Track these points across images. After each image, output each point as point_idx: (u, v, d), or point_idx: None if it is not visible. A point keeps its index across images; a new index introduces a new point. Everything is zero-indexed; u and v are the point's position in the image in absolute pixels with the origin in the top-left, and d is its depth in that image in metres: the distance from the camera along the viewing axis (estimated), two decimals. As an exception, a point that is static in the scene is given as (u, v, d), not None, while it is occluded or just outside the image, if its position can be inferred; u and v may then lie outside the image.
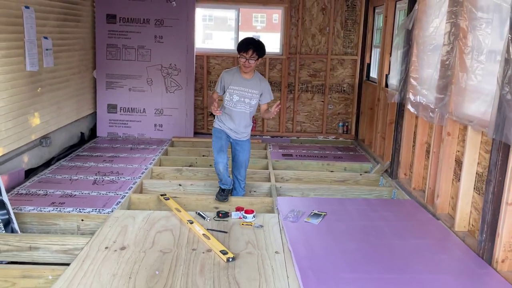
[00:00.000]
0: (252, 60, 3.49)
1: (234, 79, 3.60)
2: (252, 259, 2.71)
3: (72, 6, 5.11)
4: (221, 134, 3.70)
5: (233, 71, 3.66)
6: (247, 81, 3.60)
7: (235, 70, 3.65)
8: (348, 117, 6.35)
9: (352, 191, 4.17)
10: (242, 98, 3.60)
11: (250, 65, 3.50)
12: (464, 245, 2.93)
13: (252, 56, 3.48)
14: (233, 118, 3.65)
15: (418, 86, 3.83)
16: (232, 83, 3.59)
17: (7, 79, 3.79)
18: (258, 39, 3.59)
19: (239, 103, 3.61)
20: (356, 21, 6.06)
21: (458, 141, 3.30)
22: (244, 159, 3.79)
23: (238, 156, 3.77)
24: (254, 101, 3.64)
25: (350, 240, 2.95)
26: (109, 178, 4.22)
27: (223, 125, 3.70)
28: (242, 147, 3.76)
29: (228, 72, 3.67)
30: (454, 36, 3.19)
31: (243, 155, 3.78)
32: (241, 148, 3.76)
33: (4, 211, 3.17)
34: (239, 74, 3.61)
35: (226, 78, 3.63)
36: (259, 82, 3.64)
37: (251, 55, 3.47)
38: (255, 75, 3.65)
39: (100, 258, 2.65)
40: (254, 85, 3.62)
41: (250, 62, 3.48)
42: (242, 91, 3.60)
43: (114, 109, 5.95)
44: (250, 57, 3.48)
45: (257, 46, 3.50)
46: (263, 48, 3.54)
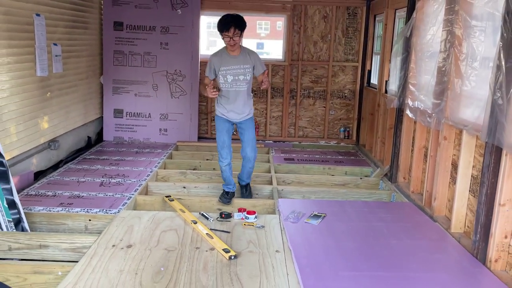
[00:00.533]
0: (236, 36, 3.49)
1: (223, 60, 3.61)
2: (253, 257, 2.81)
3: (80, 13, 5.27)
4: (223, 124, 3.77)
5: (220, 52, 3.66)
6: (237, 58, 3.62)
7: (222, 51, 3.67)
8: (349, 123, 6.46)
9: (352, 194, 4.26)
10: (236, 77, 3.63)
11: (235, 42, 3.51)
12: (459, 246, 3.01)
13: (235, 33, 3.48)
14: (231, 99, 3.68)
15: (416, 92, 3.93)
16: (222, 64, 3.60)
17: (18, 84, 3.93)
18: (236, 14, 3.60)
19: (234, 82, 3.65)
20: (357, 29, 6.18)
21: (454, 145, 3.39)
22: (251, 137, 3.83)
23: (244, 135, 3.83)
24: (249, 75, 3.67)
25: (348, 240, 3.05)
26: (116, 180, 4.34)
27: (224, 109, 3.74)
28: (246, 125, 3.81)
29: (215, 54, 3.68)
30: (450, 44, 3.30)
31: (248, 133, 3.82)
32: (245, 126, 3.81)
33: (15, 211, 3.29)
34: (226, 54, 3.62)
35: (215, 61, 3.63)
36: (248, 55, 3.66)
37: (233, 32, 3.48)
38: (242, 49, 3.66)
39: (108, 255, 2.77)
40: (244, 60, 3.63)
41: (234, 40, 3.49)
42: (235, 69, 3.61)
43: (120, 114, 6.09)
44: (233, 35, 3.48)
45: (237, 22, 3.49)
46: (242, 21, 3.54)
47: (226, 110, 3.74)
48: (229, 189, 3.86)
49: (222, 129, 3.79)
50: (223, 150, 3.79)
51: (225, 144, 3.77)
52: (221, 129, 3.80)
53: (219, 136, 3.80)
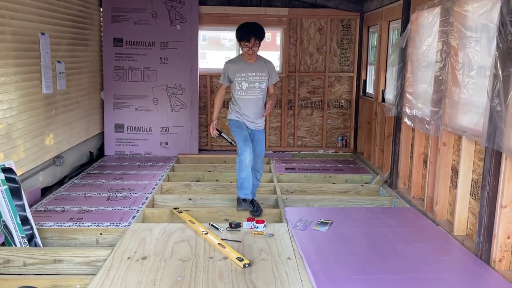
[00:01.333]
0: (256, 47, 3.52)
1: (239, 67, 3.61)
2: (266, 264, 2.89)
3: (81, 31, 5.36)
4: (240, 124, 3.72)
5: (236, 59, 3.68)
6: (253, 66, 3.62)
7: (238, 58, 3.68)
8: (347, 131, 6.59)
9: (354, 201, 4.37)
10: (252, 84, 3.62)
11: (254, 52, 3.53)
12: (463, 248, 3.13)
13: (255, 43, 3.51)
14: (246, 107, 3.67)
15: (414, 100, 4.07)
16: (238, 71, 3.60)
17: (25, 102, 4.00)
18: (255, 22, 3.64)
19: (250, 90, 3.64)
20: (351, 40, 6.35)
21: (454, 150, 3.52)
22: (262, 150, 3.84)
23: (255, 147, 3.76)
24: (264, 84, 3.67)
25: (357, 245, 3.15)
26: (122, 194, 4.40)
27: (240, 115, 3.71)
28: (259, 137, 3.80)
29: (231, 61, 3.69)
30: (446, 54, 3.45)
31: (261, 145, 3.82)
32: (258, 138, 3.79)
33: (28, 227, 3.34)
34: (243, 61, 3.63)
35: (231, 68, 3.64)
36: (264, 64, 3.67)
37: (253, 43, 3.50)
38: (259, 58, 3.67)
39: (124, 268, 2.83)
40: (261, 68, 3.64)
41: (253, 50, 3.52)
42: (250, 77, 3.61)
43: (121, 128, 6.16)
44: (253, 45, 3.50)
45: (258, 33, 3.52)
46: (263, 31, 3.56)
47: (241, 114, 3.73)
48: (246, 195, 3.77)
49: (240, 126, 3.71)
50: (246, 144, 3.63)
51: (247, 138, 3.67)
52: (239, 126, 3.71)
53: (239, 132, 3.68)
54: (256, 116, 3.72)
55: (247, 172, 3.68)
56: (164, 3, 5.97)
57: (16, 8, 3.82)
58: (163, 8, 5.97)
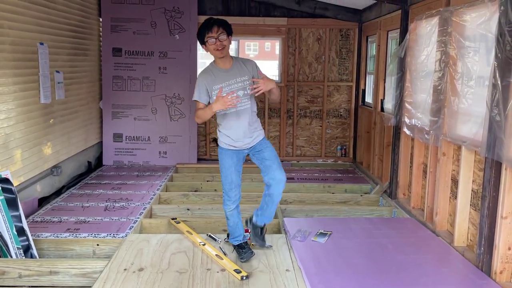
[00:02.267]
0: (223, 36, 2.82)
1: (214, 77, 2.93)
2: (264, 277, 2.85)
3: (81, 41, 5.37)
4: (230, 159, 3.02)
5: (209, 69, 2.98)
6: (230, 71, 2.94)
7: (211, 67, 2.99)
8: (346, 141, 6.57)
9: (353, 211, 4.33)
10: (235, 94, 2.89)
11: (222, 45, 2.83)
12: (463, 259, 3.09)
13: (220, 32, 2.82)
14: (234, 123, 2.97)
15: (413, 110, 4.06)
16: (215, 82, 2.91)
17: (23, 112, 3.99)
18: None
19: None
20: (350, 50, 6.37)
21: (453, 160, 3.50)
22: (273, 154, 3.04)
23: (264, 153, 3.02)
24: (249, 89, 2.94)
25: (356, 256, 3.11)
26: (120, 204, 4.37)
27: (228, 138, 3.00)
28: (262, 145, 3.04)
29: (204, 72, 2.98)
30: (445, 63, 3.45)
31: (269, 150, 3.04)
32: (261, 146, 3.04)
33: (24, 238, 3.30)
34: (217, 68, 2.94)
35: (205, 79, 2.93)
36: (243, 65, 2.98)
37: (217, 31, 2.82)
38: (234, 60, 2.99)
39: (120, 280, 2.79)
40: (240, 71, 2.95)
41: (221, 40, 2.82)
42: (231, 85, 2.92)
43: (120, 138, 6.14)
44: (218, 34, 2.81)
45: (220, 21, 2.87)
46: (227, 23, 2.90)
47: (232, 138, 2.99)
48: (238, 240, 3.16)
49: (229, 165, 3.03)
50: (232, 191, 3.06)
51: (233, 184, 3.05)
52: (228, 165, 3.03)
53: (226, 175, 3.04)
54: (250, 131, 3.00)
55: (234, 219, 3.12)
56: (163, 13, 5.99)
57: (15, 18, 3.83)
58: (162, 18, 5.99)
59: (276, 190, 3.01)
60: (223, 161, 3.06)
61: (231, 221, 3.16)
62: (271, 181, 3.00)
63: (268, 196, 3.06)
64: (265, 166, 3.01)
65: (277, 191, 3.02)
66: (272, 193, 3.03)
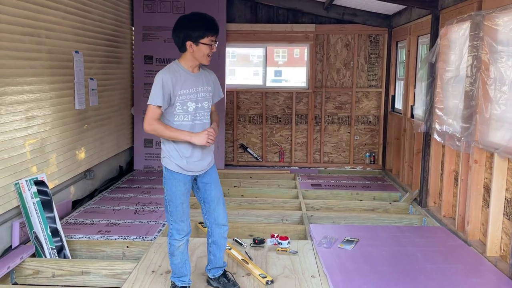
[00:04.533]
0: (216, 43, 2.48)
1: (181, 79, 2.43)
2: (290, 282, 2.85)
3: (114, 49, 5.55)
4: (182, 185, 2.50)
5: (174, 69, 2.44)
6: (198, 77, 2.50)
7: (176, 67, 2.46)
8: (375, 148, 6.49)
9: (382, 219, 4.27)
10: (199, 104, 2.48)
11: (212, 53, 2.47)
12: (496, 270, 2.99)
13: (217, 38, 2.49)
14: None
15: (444, 116, 3.98)
16: (182, 87, 2.42)
17: (59, 117, 4.15)
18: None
19: (198, 113, 2.49)
20: (379, 55, 6.30)
21: (486, 168, 3.41)
22: (219, 193, 2.66)
23: (211, 192, 2.62)
24: (210, 103, 2.58)
25: (383, 264, 3.06)
26: (149, 208, 4.47)
27: (182, 160, 2.47)
28: (211, 177, 2.62)
29: (170, 72, 2.42)
30: (477, 69, 3.37)
31: (215, 186, 2.64)
32: (210, 178, 2.62)
33: (58, 238, 3.43)
34: (184, 70, 2.46)
35: (171, 81, 2.39)
36: (208, 74, 2.59)
37: (216, 38, 2.48)
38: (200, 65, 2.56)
39: (148, 281, 2.85)
40: (207, 79, 2.56)
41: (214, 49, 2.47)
42: (197, 93, 2.48)
43: (150, 144, 6.28)
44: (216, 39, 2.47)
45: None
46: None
47: (187, 160, 2.48)
48: (184, 283, 2.65)
49: (180, 193, 2.50)
50: (184, 223, 2.54)
51: (185, 215, 2.55)
52: (179, 194, 2.50)
53: (177, 205, 2.50)
54: (206, 150, 2.54)
55: (182, 257, 2.60)
56: (193, 21, 6.10)
57: (52, 27, 4.00)
58: (192, 26, 6.11)
59: (219, 237, 2.67)
60: (173, 188, 2.50)
61: (178, 259, 2.58)
62: (213, 225, 2.65)
63: (213, 244, 2.70)
64: (209, 206, 2.63)
65: (221, 237, 2.68)
66: (216, 240, 2.68)
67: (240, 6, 6.31)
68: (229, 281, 2.75)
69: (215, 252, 2.71)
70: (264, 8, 6.31)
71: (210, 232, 2.69)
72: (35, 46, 3.74)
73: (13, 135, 3.44)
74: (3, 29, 3.30)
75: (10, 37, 3.39)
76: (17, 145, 3.49)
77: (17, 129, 3.49)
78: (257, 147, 6.58)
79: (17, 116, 3.49)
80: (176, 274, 2.64)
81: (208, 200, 2.62)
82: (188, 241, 2.63)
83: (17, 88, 3.50)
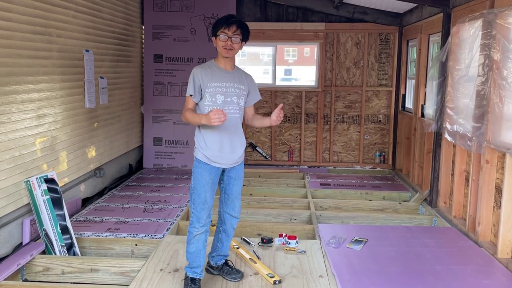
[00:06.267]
0: (236, 38, 2.58)
1: (212, 73, 2.63)
2: (297, 282, 2.84)
3: (124, 48, 5.58)
4: (207, 175, 2.64)
5: (208, 65, 2.69)
6: (230, 74, 2.67)
7: (210, 63, 2.70)
8: (385, 147, 6.44)
9: (391, 219, 4.23)
10: (229, 98, 2.64)
11: (233, 47, 2.59)
12: (507, 271, 2.95)
13: (236, 33, 2.58)
14: (222, 131, 2.62)
15: (455, 116, 3.93)
16: (211, 80, 2.61)
17: (69, 116, 4.19)
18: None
19: (226, 106, 2.63)
20: (389, 54, 6.24)
21: (497, 168, 3.36)
22: (239, 191, 2.84)
23: (233, 187, 2.78)
24: (243, 101, 2.71)
25: (392, 265, 3.04)
26: (158, 206, 4.49)
27: (210, 151, 2.62)
28: (238, 173, 2.78)
29: (201, 67, 2.66)
30: (488, 67, 3.32)
31: (239, 183, 2.82)
32: (236, 174, 2.77)
33: (68, 236, 3.46)
34: (216, 67, 2.66)
35: (201, 74, 2.60)
36: (243, 75, 2.75)
37: (234, 31, 2.58)
38: (237, 67, 2.76)
39: (156, 279, 2.86)
40: (240, 79, 2.71)
41: (233, 41, 2.58)
42: (227, 87, 2.64)
43: (160, 142, 6.31)
44: (233, 34, 2.57)
45: (242, 23, 2.63)
46: (247, 27, 2.67)
47: (215, 151, 2.63)
48: (195, 274, 2.71)
49: (205, 182, 2.64)
50: (204, 212, 2.66)
51: (206, 205, 2.66)
52: (204, 182, 2.64)
53: (200, 193, 2.63)
54: (235, 145, 2.68)
55: (197, 245, 2.68)
56: (203, 20, 6.12)
57: (63, 26, 4.04)
58: (201, 25, 6.12)
59: (230, 226, 2.86)
60: (199, 176, 2.64)
61: (193, 247, 2.66)
62: (228, 215, 2.83)
63: (223, 232, 2.86)
64: (228, 197, 2.81)
65: (232, 227, 2.87)
66: (227, 229, 2.86)
67: (249, 4, 6.30)
68: (232, 269, 2.91)
69: (223, 240, 2.87)
70: (274, 7, 6.29)
71: (223, 220, 2.85)
72: (46, 45, 3.77)
73: (24, 133, 3.47)
74: (14, 28, 3.33)
75: (21, 36, 3.42)
76: (28, 143, 3.53)
77: (28, 127, 3.53)
78: (266, 146, 6.57)
79: (28, 115, 3.52)
80: (189, 264, 2.72)
81: (229, 193, 2.80)
82: (208, 233, 2.72)
83: (28, 86, 3.53)
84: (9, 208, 3.30)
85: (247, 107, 2.79)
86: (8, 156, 3.28)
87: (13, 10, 3.31)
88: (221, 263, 2.93)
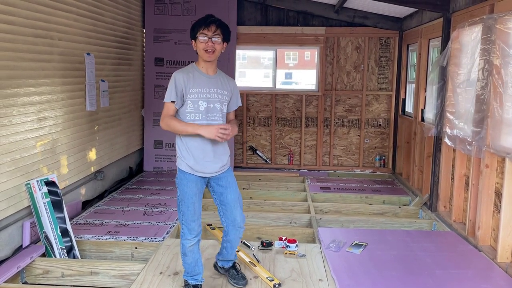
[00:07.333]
0: (217, 38, 2.48)
1: (194, 78, 2.53)
2: (297, 285, 2.84)
3: (125, 51, 5.60)
4: (192, 186, 2.56)
5: (189, 70, 2.59)
6: (213, 79, 2.58)
7: (191, 67, 2.61)
8: (385, 151, 6.44)
9: (391, 223, 4.23)
10: (212, 104, 2.54)
11: (213, 48, 2.49)
12: (507, 276, 2.95)
13: (216, 33, 2.48)
14: (207, 138, 2.50)
15: (455, 120, 3.94)
16: (193, 85, 2.51)
17: (70, 119, 4.20)
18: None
19: (209, 113, 2.53)
20: (390, 58, 6.26)
21: (497, 173, 3.36)
22: (237, 196, 2.70)
23: (227, 196, 2.65)
24: (225, 107, 2.62)
25: (392, 269, 3.04)
26: (158, 209, 4.49)
27: (192, 159, 2.53)
28: (227, 180, 2.66)
29: (183, 72, 2.56)
30: (488, 72, 3.33)
31: (233, 190, 2.67)
32: (226, 182, 2.65)
33: (68, 239, 3.46)
34: (198, 71, 2.57)
35: (183, 79, 2.50)
36: (226, 80, 2.66)
37: (214, 31, 2.48)
38: (219, 71, 2.67)
39: (156, 282, 2.87)
40: (223, 84, 2.61)
41: (214, 42, 2.48)
42: (210, 93, 2.54)
43: (160, 145, 6.32)
44: (213, 34, 2.47)
45: (221, 22, 2.53)
46: (227, 27, 2.57)
47: (197, 160, 2.54)
48: (197, 281, 2.70)
49: (192, 193, 2.57)
50: (195, 223, 2.59)
51: (196, 215, 2.59)
52: (191, 194, 2.56)
53: (189, 205, 2.56)
54: (219, 153, 2.59)
55: (194, 256, 2.64)
56: (204, 24, 6.13)
57: (65, 30, 4.05)
58: (202, 29, 6.14)
59: (235, 237, 2.75)
60: (185, 188, 2.56)
61: (190, 258, 2.63)
62: (230, 226, 2.71)
63: (227, 242, 2.79)
64: (225, 208, 2.68)
65: (237, 237, 2.76)
66: (231, 240, 2.76)
67: (250, 9, 6.33)
68: (238, 273, 2.87)
69: (228, 249, 2.84)
70: (275, 11, 6.32)
71: (227, 232, 2.76)
72: (48, 48, 3.79)
73: (25, 136, 3.48)
74: (16, 31, 3.35)
75: (23, 39, 3.44)
76: (29, 146, 3.54)
77: (29, 130, 3.54)
78: (266, 149, 6.59)
79: (29, 117, 3.54)
80: (189, 273, 2.71)
81: (225, 203, 2.68)
82: (200, 241, 2.68)
83: (29, 89, 3.55)
84: (10, 211, 3.30)
85: (228, 112, 2.68)
86: (9, 159, 3.29)
87: (15, 14, 3.33)
88: (229, 266, 2.91)
